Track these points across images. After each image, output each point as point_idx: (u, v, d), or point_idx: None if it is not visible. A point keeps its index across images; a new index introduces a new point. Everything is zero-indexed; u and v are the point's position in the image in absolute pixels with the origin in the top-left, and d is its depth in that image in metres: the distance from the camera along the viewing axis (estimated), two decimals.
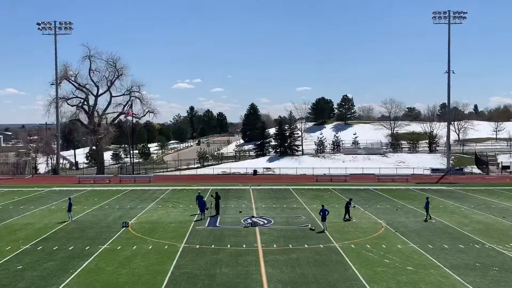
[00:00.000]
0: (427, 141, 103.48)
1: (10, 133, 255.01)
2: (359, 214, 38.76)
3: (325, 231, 31.66)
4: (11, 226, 33.89)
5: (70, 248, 27.45)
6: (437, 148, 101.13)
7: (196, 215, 37.45)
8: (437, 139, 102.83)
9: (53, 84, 79.03)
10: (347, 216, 36.35)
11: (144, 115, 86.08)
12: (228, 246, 27.94)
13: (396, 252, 26.74)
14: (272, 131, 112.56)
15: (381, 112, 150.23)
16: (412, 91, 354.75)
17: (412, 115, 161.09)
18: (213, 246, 27.94)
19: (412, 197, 48.87)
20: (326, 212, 32.81)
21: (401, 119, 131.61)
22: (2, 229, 32.87)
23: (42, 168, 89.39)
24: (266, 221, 35.43)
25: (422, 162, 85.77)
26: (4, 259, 25.07)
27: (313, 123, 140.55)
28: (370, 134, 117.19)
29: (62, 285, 21.02)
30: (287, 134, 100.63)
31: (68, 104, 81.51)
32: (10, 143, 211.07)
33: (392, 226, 33.89)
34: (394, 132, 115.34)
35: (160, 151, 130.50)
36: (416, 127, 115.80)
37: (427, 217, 36.39)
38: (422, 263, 24.65)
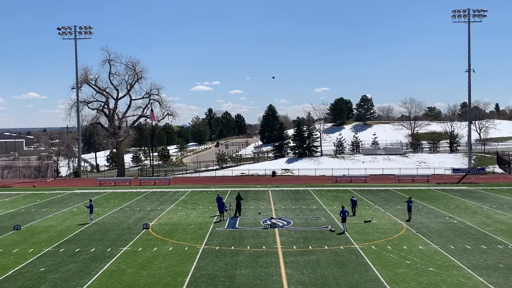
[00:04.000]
0: (448, 141, 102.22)
1: (32, 137, 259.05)
2: (380, 215, 38.48)
3: (345, 232, 31.49)
4: (33, 229, 34.37)
5: (91, 250, 27.74)
6: (458, 148, 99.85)
7: (216, 217, 37.57)
8: (458, 139, 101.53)
9: (74, 88, 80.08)
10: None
11: (163, 118, 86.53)
12: (248, 247, 27.96)
13: (417, 253, 26.48)
14: (290, 132, 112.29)
15: (401, 112, 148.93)
16: (432, 91, 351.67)
17: (433, 114, 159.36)
18: (232, 247, 27.99)
19: (434, 197, 48.34)
20: (346, 213, 32.65)
21: (421, 119, 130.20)
22: (25, 232, 33.36)
23: (63, 171, 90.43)
24: (285, 223, 35.37)
25: (443, 162, 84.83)
26: (27, 262, 25.43)
27: (331, 123, 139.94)
28: (390, 134, 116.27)
29: (84, 287, 21.25)
30: (306, 135, 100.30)
31: (88, 107, 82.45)
32: (32, 146, 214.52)
33: (413, 227, 33.57)
34: (414, 132, 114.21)
35: (179, 153, 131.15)
36: (436, 126, 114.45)
37: (409, 217, 36.47)
38: (444, 264, 24.38)
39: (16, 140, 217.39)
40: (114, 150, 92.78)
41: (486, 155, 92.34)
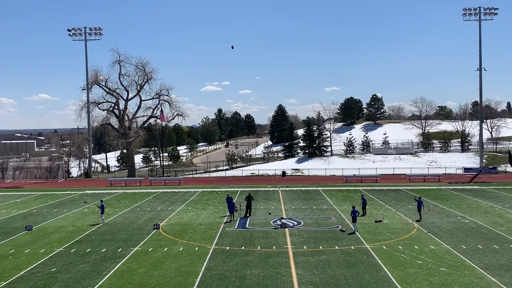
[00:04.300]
0: (459, 140, 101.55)
1: (43, 138, 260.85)
2: (391, 215, 38.28)
3: (356, 232, 31.36)
4: (45, 229, 34.59)
5: (102, 250, 27.86)
6: (470, 147, 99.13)
7: (226, 217, 37.58)
8: (469, 138, 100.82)
9: (84, 89, 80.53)
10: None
11: (173, 118, 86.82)
12: (258, 247, 27.93)
13: (428, 253, 26.30)
14: (300, 132, 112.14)
15: (412, 111, 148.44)
16: (443, 90, 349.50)
17: (444, 113, 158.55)
18: (243, 247, 27.97)
19: (445, 197, 48.01)
20: (357, 213, 32.51)
21: (432, 118, 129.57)
22: (36, 232, 33.57)
23: (74, 171, 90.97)
24: (295, 223, 35.30)
25: (455, 162, 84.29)
26: (39, 262, 25.59)
27: (342, 123, 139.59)
28: (401, 133, 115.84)
29: (95, 287, 21.34)
30: (316, 135, 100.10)
31: (99, 108, 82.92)
32: (43, 147, 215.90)
33: (424, 226, 33.36)
34: (425, 131, 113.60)
35: (189, 154, 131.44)
36: (447, 126, 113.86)
37: (420, 217, 36.07)
38: (456, 264, 24.19)
39: (27, 141, 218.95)
40: (125, 151, 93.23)
41: (497, 154, 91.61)
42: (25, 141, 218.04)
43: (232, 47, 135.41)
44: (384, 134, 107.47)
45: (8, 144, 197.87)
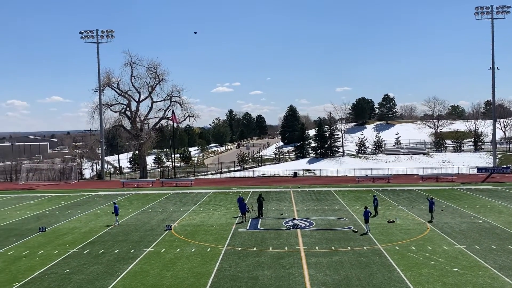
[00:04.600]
0: (472, 139, 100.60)
1: (56, 140, 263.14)
2: (403, 215, 38.06)
3: (369, 233, 31.23)
4: (58, 231, 34.85)
5: (115, 252, 28.00)
6: (483, 147, 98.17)
7: (237, 218, 37.60)
8: (482, 138, 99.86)
9: (97, 91, 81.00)
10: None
11: (184, 120, 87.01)
12: (270, 248, 27.91)
13: (442, 253, 26.11)
14: (311, 132, 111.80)
15: (424, 111, 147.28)
16: (456, 89, 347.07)
17: (456, 113, 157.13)
18: (255, 248, 27.96)
19: (458, 197, 47.64)
20: (369, 214, 32.36)
21: (444, 117, 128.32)
22: (49, 234, 33.83)
23: (87, 173, 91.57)
24: (307, 223, 35.22)
25: (468, 161, 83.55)
26: (52, 263, 25.78)
27: (353, 123, 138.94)
28: (413, 133, 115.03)
29: (109, 287, 21.45)
30: (327, 135, 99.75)
31: (111, 110, 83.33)
32: (56, 149, 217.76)
33: (437, 227, 33.12)
34: (438, 131, 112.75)
35: (201, 155, 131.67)
36: (460, 125, 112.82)
37: (432, 218, 35.72)
38: (469, 264, 23.99)
39: (40, 143, 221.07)
40: (137, 152, 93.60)
41: (511, 153, 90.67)
42: (38, 143, 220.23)
43: (195, 33, 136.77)
44: (396, 134, 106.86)
45: (22, 146, 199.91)
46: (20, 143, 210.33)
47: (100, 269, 24.43)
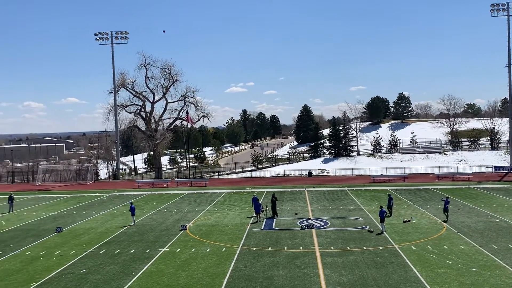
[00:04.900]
0: (488, 138, 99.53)
1: (72, 141, 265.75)
2: (419, 215, 37.76)
3: (384, 233, 31.04)
4: (75, 231, 35.15)
5: (131, 252, 28.16)
6: (499, 145, 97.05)
7: (252, 218, 37.61)
8: (499, 136, 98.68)
9: (112, 93, 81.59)
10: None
11: (198, 120, 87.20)
12: (285, 248, 27.86)
13: (458, 253, 25.86)
14: (326, 132, 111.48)
15: (440, 110, 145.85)
16: (472, 87, 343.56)
17: (472, 111, 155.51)
18: (269, 248, 27.94)
19: (475, 196, 47.14)
20: (385, 214, 32.16)
21: (460, 116, 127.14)
22: (66, 234, 34.14)
23: (103, 174, 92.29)
24: (322, 223, 35.11)
25: (484, 160, 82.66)
26: (69, 263, 26.01)
27: (368, 122, 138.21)
28: (429, 132, 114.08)
29: (125, 287, 21.57)
30: (342, 134, 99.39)
31: (126, 111, 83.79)
32: (72, 150, 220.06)
33: (454, 226, 32.81)
34: (454, 129, 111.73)
35: (215, 155, 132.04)
36: (476, 123, 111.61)
37: (447, 218, 35.25)
38: (487, 264, 23.73)
39: (56, 144, 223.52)
40: (152, 153, 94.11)
41: None
42: (54, 144, 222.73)
43: (164, 31, 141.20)
44: (412, 133, 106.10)
45: (38, 147, 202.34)
46: (36, 144, 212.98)
47: (116, 269, 24.59)
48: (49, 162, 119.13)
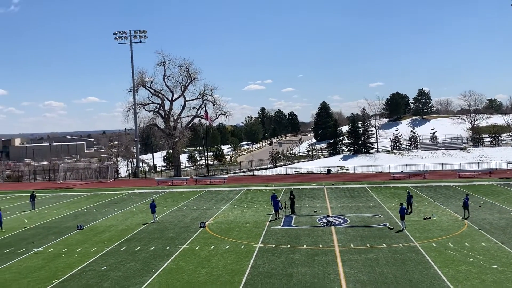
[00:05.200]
0: (510, 133, 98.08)
1: (92, 140, 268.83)
2: (440, 211, 37.36)
3: (404, 230, 30.77)
4: (95, 228, 35.53)
5: (151, 249, 28.37)
6: None
7: (271, 215, 37.59)
8: None
9: (131, 91, 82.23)
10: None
11: (216, 118, 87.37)
12: (304, 245, 27.80)
13: (480, 250, 25.53)
14: (345, 129, 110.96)
15: (460, 105, 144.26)
16: (493, 82, 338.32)
17: (494, 107, 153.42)
18: (289, 245, 27.91)
19: (496, 192, 46.47)
20: (405, 211, 31.89)
21: (481, 111, 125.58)
22: (87, 231, 34.53)
23: (123, 172, 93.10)
24: (342, 220, 34.94)
25: (506, 156, 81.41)
26: (90, 260, 26.30)
27: (387, 119, 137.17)
28: (449, 128, 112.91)
29: (145, 284, 21.74)
30: (361, 131, 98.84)
31: (145, 109, 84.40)
32: (93, 149, 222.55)
33: (475, 223, 32.39)
34: (475, 125, 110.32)
35: (233, 153, 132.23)
36: (498, 119, 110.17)
37: (465, 215, 34.67)
38: (509, 261, 23.38)
39: (77, 143, 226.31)
40: (170, 151, 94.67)
41: None
42: (75, 143, 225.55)
43: (141, 41, 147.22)
44: (432, 129, 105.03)
45: (59, 146, 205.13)
46: (57, 143, 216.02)
47: (136, 266, 24.80)
48: (70, 161, 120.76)
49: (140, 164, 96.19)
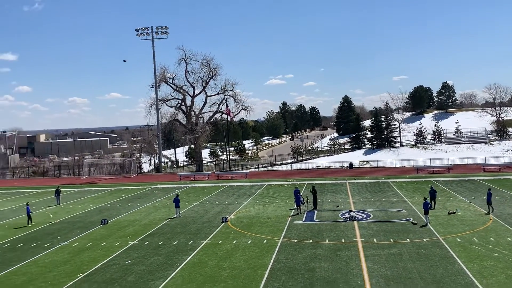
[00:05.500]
0: None
1: (116, 135, 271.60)
2: (465, 206, 36.84)
3: (428, 225, 30.43)
4: (119, 223, 35.94)
5: (174, 243, 28.59)
6: None
7: (293, 210, 37.54)
8: None
9: (153, 87, 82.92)
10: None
11: (238, 113, 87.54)
12: (327, 240, 27.70)
13: (505, 245, 25.11)
14: (367, 123, 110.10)
15: (485, 98, 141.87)
16: None
17: None
18: (311, 240, 27.84)
19: None
20: (429, 206, 31.52)
21: (507, 104, 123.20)
22: (111, 226, 34.96)
23: (145, 167, 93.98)
24: (364, 215, 34.71)
25: None
26: (114, 254, 26.62)
27: (411, 113, 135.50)
28: (474, 122, 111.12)
29: (168, 278, 21.92)
30: (384, 125, 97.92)
31: (167, 105, 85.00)
32: (116, 144, 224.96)
33: (500, 218, 31.85)
34: (500, 118, 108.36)
35: (255, 148, 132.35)
36: None
37: (489, 210, 33.92)
38: None
39: (101, 138, 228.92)
40: (192, 146, 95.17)
41: None
42: (98, 138, 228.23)
43: (124, 61, 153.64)
44: (456, 122, 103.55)
45: (83, 142, 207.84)
46: (81, 139, 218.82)
47: (160, 260, 25.03)
48: (94, 156, 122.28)
49: (163, 159, 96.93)
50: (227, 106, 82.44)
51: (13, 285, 21.99)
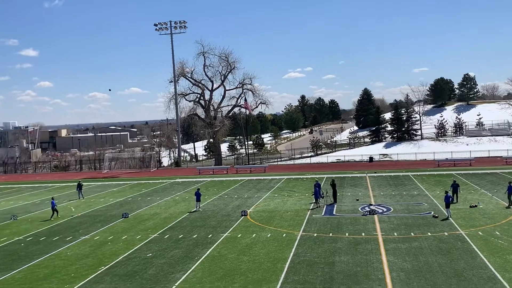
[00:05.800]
0: None
1: (135, 130, 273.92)
2: (487, 199, 36.35)
3: (450, 218, 30.09)
4: (140, 217, 36.26)
5: (194, 236, 28.75)
6: None
7: (312, 204, 37.44)
8: None
9: (172, 82, 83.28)
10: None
11: (256, 107, 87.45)
12: (346, 234, 27.58)
13: None
14: (387, 116, 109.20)
15: (507, 90, 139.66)
16: None
17: None
18: (330, 234, 27.74)
19: None
20: (450, 199, 31.16)
21: None
22: (132, 219, 35.28)
23: (165, 161, 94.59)
24: (385, 209, 34.47)
25: None
26: (135, 248, 26.87)
27: (432, 105, 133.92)
28: (496, 114, 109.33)
29: (188, 271, 22.05)
30: (404, 118, 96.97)
31: (186, 99, 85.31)
32: (136, 139, 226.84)
33: None
34: None
35: (273, 141, 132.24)
36: None
37: (510, 204, 33.31)
38: None
39: (121, 133, 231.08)
40: (211, 140, 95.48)
41: None
42: (119, 133, 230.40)
43: (110, 90, 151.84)
44: (478, 115, 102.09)
45: (104, 136, 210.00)
46: (102, 134, 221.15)
47: (180, 253, 25.19)
48: (115, 151, 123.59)
49: (182, 154, 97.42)
50: (245, 100, 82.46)
51: (36, 278, 22.34)
